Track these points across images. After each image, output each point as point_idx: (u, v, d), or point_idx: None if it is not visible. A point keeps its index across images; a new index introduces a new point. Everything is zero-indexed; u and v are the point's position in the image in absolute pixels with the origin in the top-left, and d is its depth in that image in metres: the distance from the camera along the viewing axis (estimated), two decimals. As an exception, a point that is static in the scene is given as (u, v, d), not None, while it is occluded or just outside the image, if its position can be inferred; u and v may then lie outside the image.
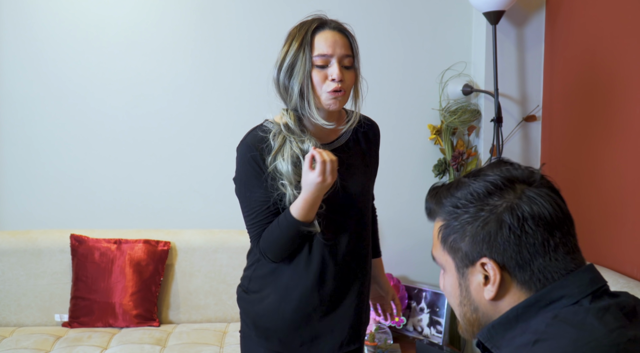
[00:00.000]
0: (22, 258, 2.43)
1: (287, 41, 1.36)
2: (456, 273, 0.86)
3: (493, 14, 2.37)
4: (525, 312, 0.79)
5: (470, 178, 0.85)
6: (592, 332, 0.72)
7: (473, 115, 2.59)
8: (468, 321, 0.87)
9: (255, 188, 1.39)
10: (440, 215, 0.86)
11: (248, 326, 1.49)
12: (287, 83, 1.34)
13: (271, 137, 1.37)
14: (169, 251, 2.48)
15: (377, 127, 1.57)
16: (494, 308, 0.83)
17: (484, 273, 0.81)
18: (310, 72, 1.32)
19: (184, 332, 2.34)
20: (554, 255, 0.79)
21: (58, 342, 2.22)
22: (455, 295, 0.87)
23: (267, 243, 1.39)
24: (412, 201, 2.74)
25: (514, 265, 0.80)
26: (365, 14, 2.64)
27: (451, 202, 0.84)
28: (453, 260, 0.85)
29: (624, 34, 2.05)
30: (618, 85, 2.08)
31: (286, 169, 1.34)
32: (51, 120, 2.58)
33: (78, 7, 2.54)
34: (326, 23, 1.36)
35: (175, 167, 2.65)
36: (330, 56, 1.32)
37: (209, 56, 2.61)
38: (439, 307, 2.61)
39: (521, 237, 0.79)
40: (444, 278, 0.90)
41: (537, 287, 0.80)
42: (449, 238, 0.84)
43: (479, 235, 0.81)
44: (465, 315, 0.87)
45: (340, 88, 1.32)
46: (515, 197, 0.80)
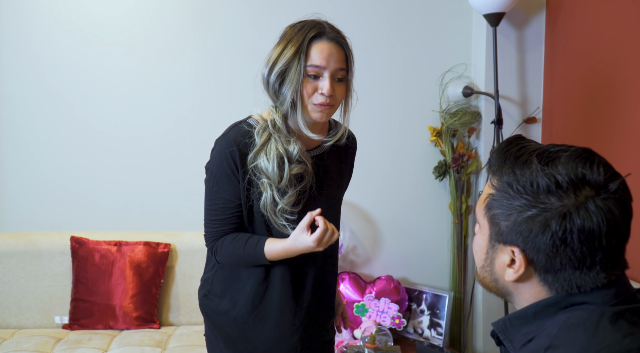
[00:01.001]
0: (23, 260, 2.43)
1: (282, 42, 1.33)
2: (488, 242, 0.84)
3: (493, 16, 2.37)
4: (543, 311, 0.79)
5: (542, 162, 0.77)
6: (605, 338, 0.72)
7: (473, 117, 2.59)
8: (486, 284, 0.88)
9: (225, 186, 1.36)
10: (496, 180, 0.82)
11: (212, 332, 1.48)
12: (278, 88, 1.32)
13: (256, 133, 1.34)
14: (169, 253, 2.48)
15: (355, 140, 1.56)
16: (514, 287, 0.83)
17: (511, 257, 0.80)
18: (302, 82, 1.29)
19: (184, 334, 2.34)
20: (587, 271, 0.76)
21: (58, 344, 2.22)
22: (481, 258, 0.87)
23: (225, 256, 1.39)
24: (413, 203, 2.74)
25: (542, 267, 0.78)
26: (366, 17, 2.65)
27: (509, 179, 0.79)
28: (489, 229, 0.83)
29: (624, 36, 2.05)
30: (618, 87, 2.08)
31: (271, 169, 1.32)
32: (51, 123, 2.58)
33: (78, 9, 2.54)
34: (325, 33, 1.32)
35: (175, 169, 2.65)
36: (323, 69, 1.29)
37: (209, 59, 2.61)
38: (440, 309, 2.61)
39: (560, 247, 0.75)
40: (477, 234, 0.88)
41: (558, 291, 0.79)
42: (493, 210, 0.81)
43: (521, 226, 0.77)
44: (485, 279, 0.87)
45: (328, 103, 1.30)
46: (573, 205, 0.74)
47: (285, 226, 1.35)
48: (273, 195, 1.33)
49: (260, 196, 1.34)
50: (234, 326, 1.44)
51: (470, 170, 2.63)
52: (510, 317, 0.82)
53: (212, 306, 1.46)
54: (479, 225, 0.87)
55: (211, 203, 1.39)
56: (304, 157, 1.37)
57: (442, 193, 2.74)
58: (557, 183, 0.75)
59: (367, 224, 2.74)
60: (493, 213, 0.81)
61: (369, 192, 2.69)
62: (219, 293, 1.46)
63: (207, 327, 1.50)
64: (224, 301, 1.44)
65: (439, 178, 2.69)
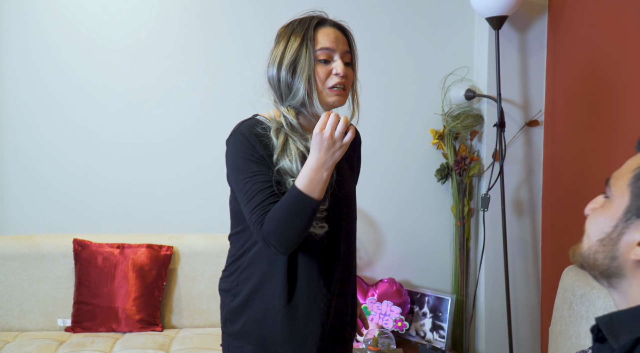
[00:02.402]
0: (25, 263, 2.43)
1: (283, 38, 1.34)
2: (621, 214, 0.79)
3: (496, 19, 2.37)
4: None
5: None
6: None
7: (475, 120, 2.60)
8: (595, 260, 0.83)
9: (254, 169, 1.29)
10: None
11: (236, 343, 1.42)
12: (291, 80, 1.31)
13: (272, 134, 1.31)
14: (171, 256, 2.48)
15: (359, 133, 1.56)
16: (633, 269, 0.79)
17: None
18: (314, 68, 1.30)
19: (187, 336, 2.34)
20: None
21: (61, 347, 2.22)
22: (603, 231, 0.81)
23: (271, 224, 1.22)
24: (415, 205, 2.74)
25: None
26: (369, 20, 2.65)
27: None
28: (629, 201, 0.79)
29: (626, 39, 2.05)
30: (621, 90, 2.09)
31: (295, 168, 1.29)
32: (54, 125, 2.58)
33: (80, 12, 2.54)
34: (326, 20, 1.36)
35: (178, 172, 2.65)
36: (333, 51, 1.31)
37: (211, 61, 2.62)
38: (442, 312, 2.61)
39: None
40: (602, 205, 0.84)
41: None
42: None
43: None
44: (597, 253, 0.82)
45: (343, 83, 1.31)
46: None
47: (313, 226, 1.30)
48: None
49: None
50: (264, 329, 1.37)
51: (472, 173, 2.63)
52: (618, 313, 0.79)
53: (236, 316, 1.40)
54: (610, 196, 0.82)
55: (247, 194, 1.28)
56: None
57: (444, 196, 2.74)
58: None
59: (369, 227, 2.74)
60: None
61: (371, 195, 2.70)
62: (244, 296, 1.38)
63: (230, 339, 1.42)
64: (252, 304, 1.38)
65: (441, 181, 2.69)
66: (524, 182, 2.63)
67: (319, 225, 1.31)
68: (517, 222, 2.63)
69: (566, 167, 2.45)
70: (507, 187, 2.58)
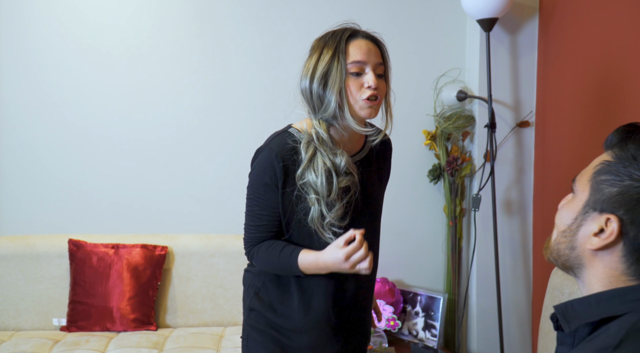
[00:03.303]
0: (21, 263, 2.45)
1: (316, 51, 1.34)
2: (581, 208, 0.85)
3: (486, 21, 2.40)
4: (607, 301, 0.80)
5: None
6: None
7: (467, 121, 2.62)
8: (558, 251, 0.89)
9: (262, 195, 1.36)
10: (617, 152, 0.83)
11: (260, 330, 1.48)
12: (322, 93, 1.31)
13: (302, 147, 1.33)
14: (166, 256, 2.50)
15: (390, 143, 1.57)
16: (590, 258, 0.84)
17: (601, 226, 0.81)
18: (346, 81, 1.30)
19: (181, 336, 2.36)
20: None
21: (56, 346, 2.24)
22: (565, 223, 0.87)
23: (261, 262, 1.41)
24: (408, 206, 2.76)
25: (632, 242, 0.79)
26: (361, 22, 2.65)
27: (635, 151, 0.80)
28: (587, 196, 0.84)
29: (617, 40, 2.08)
30: (611, 91, 2.11)
31: (320, 183, 1.31)
32: (49, 126, 2.60)
33: (77, 13, 2.56)
34: (358, 32, 1.36)
35: (173, 173, 2.67)
36: (364, 63, 1.31)
37: (207, 63, 2.64)
38: (434, 311, 2.63)
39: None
40: (568, 202, 0.89)
41: (636, 273, 0.80)
42: (603, 176, 0.82)
43: (628, 194, 0.78)
44: (560, 244, 0.88)
45: (376, 95, 1.31)
46: None
47: (332, 239, 1.34)
48: (321, 209, 1.33)
49: (307, 211, 1.34)
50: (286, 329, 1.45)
51: (464, 173, 2.66)
52: (574, 301, 0.84)
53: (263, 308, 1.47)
54: (575, 192, 0.88)
55: (249, 209, 1.40)
56: (351, 168, 1.37)
57: (436, 196, 2.77)
58: None
59: (363, 227, 2.76)
60: (601, 179, 0.82)
61: (364, 195, 2.72)
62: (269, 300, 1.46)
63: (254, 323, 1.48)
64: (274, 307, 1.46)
65: (434, 182, 2.72)
66: (515, 182, 2.66)
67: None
68: (508, 222, 2.66)
69: (556, 168, 2.48)
70: (498, 187, 2.60)
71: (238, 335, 2.25)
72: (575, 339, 0.83)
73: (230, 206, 2.67)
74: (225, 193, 2.68)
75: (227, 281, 2.54)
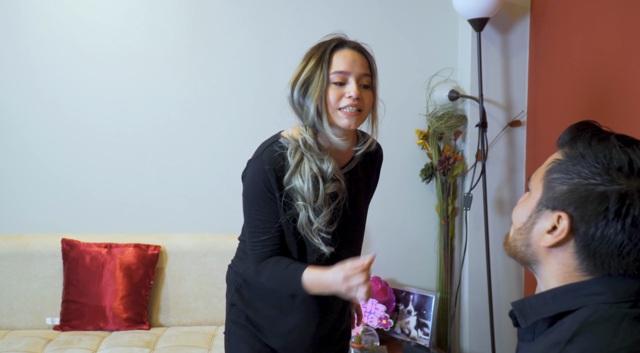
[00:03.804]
0: (14, 262, 2.47)
1: (304, 60, 1.35)
2: (534, 206, 0.86)
3: (477, 21, 2.41)
4: (563, 296, 0.81)
5: (621, 141, 0.80)
6: (625, 339, 0.73)
7: (459, 121, 2.63)
8: (515, 248, 0.91)
9: (263, 208, 1.35)
10: (567, 151, 0.84)
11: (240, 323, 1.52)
12: (302, 100, 1.33)
13: (289, 154, 1.33)
14: (159, 255, 2.51)
15: (382, 153, 1.57)
16: (544, 255, 0.85)
17: (553, 223, 0.82)
18: (326, 90, 1.30)
19: (173, 334, 2.37)
20: (624, 256, 0.78)
21: (49, 345, 2.26)
22: (521, 221, 0.89)
23: (268, 279, 1.39)
24: (400, 205, 2.78)
25: (582, 238, 0.80)
26: (354, 22, 2.68)
27: (583, 150, 0.81)
28: (541, 194, 0.85)
29: (607, 40, 2.09)
30: (601, 90, 2.12)
31: (306, 188, 1.31)
32: (43, 126, 2.61)
33: (70, 13, 2.57)
34: (345, 42, 1.36)
35: (166, 172, 2.68)
36: (347, 74, 1.31)
37: (200, 62, 2.64)
38: (426, 310, 2.64)
39: (609, 223, 0.77)
40: (524, 200, 0.91)
41: (589, 268, 0.81)
42: (554, 174, 0.84)
43: (578, 192, 0.80)
44: (516, 241, 0.90)
45: (356, 105, 1.30)
46: (637, 189, 0.76)
47: (320, 244, 1.35)
48: (308, 215, 1.33)
49: (295, 218, 1.35)
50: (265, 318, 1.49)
51: (456, 172, 2.67)
52: (530, 297, 0.86)
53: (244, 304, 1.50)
54: (530, 192, 0.90)
55: (251, 226, 1.38)
56: (338, 174, 1.36)
57: (429, 195, 2.78)
58: (630, 164, 0.77)
59: (356, 226, 2.78)
60: (553, 177, 0.83)
61: (356, 195, 2.73)
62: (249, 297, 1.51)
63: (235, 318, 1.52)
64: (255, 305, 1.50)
65: (426, 181, 2.73)
66: (507, 181, 2.67)
67: (327, 245, 1.36)
68: (499, 221, 2.67)
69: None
70: (490, 186, 2.61)
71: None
72: (535, 335, 0.84)
73: (223, 206, 2.69)
74: (218, 193, 2.69)
75: (220, 280, 2.55)
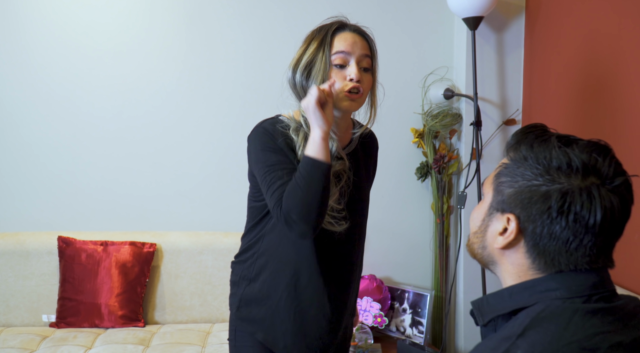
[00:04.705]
0: (11, 259, 2.48)
1: (305, 43, 1.37)
2: (486, 210, 0.89)
3: (472, 19, 2.41)
4: (519, 293, 0.83)
5: (561, 141, 0.83)
6: (575, 333, 0.74)
7: (454, 119, 2.64)
8: (473, 251, 0.93)
9: (276, 148, 1.32)
10: (512, 153, 0.87)
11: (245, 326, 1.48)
12: (305, 82, 1.34)
13: (292, 132, 1.34)
14: (154, 253, 2.52)
15: (376, 139, 1.59)
16: (499, 255, 0.88)
17: (504, 225, 0.85)
18: (328, 72, 1.31)
19: (168, 332, 2.38)
20: (572, 252, 0.80)
21: (44, 342, 2.27)
22: (476, 225, 0.92)
23: (289, 198, 1.24)
24: (396, 203, 2.78)
25: (531, 238, 0.82)
26: (350, 20, 2.68)
27: (525, 153, 0.84)
28: (491, 198, 0.88)
29: (602, 38, 2.09)
30: (596, 88, 2.12)
31: None
32: (40, 124, 2.62)
33: (67, 12, 2.58)
34: (346, 25, 1.38)
35: (162, 170, 2.69)
36: (348, 55, 1.32)
37: (196, 61, 2.65)
38: (421, 308, 2.65)
39: (553, 221, 0.79)
40: (479, 204, 0.93)
41: (541, 266, 0.83)
42: (502, 178, 0.86)
43: (523, 194, 0.82)
44: (473, 244, 0.93)
45: (358, 88, 1.31)
46: (577, 186, 0.78)
47: (332, 224, 1.35)
48: None
49: None
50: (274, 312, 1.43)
51: (451, 171, 2.67)
52: (488, 296, 0.87)
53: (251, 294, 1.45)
54: (484, 195, 0.92)
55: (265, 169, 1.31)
56: (341, 153, 1.38)
57: (424, 194, 2.78)
58: (569, 162, 0.79)
59: (351, 224, 2.78)
60: (501, 181, 0.86)
61: (352, 193, 2.74)
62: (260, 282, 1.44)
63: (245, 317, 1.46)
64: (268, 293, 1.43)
65: (421, 179, 2.73)
66: (502, 180, 2.67)
67: (339, 223, 1.36)
68: (495, 220, 2.67)
69: (542, 165, 2.48)
70: (485, 185, 2.61)
71: (225, 331, 2.27)
72: (499, 328, 0.85)
73: (218, 204, 2.70)
74: (214, 191, 2.70)
75: (216, 278, 2.56)
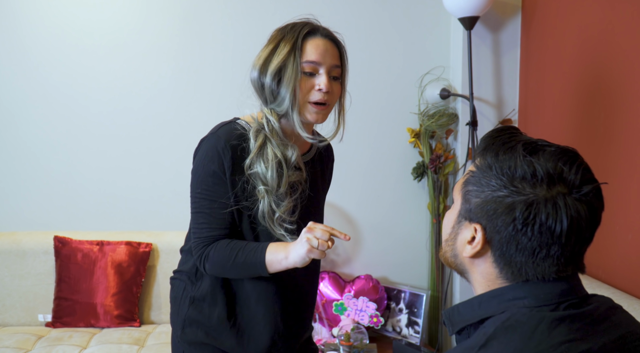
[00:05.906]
0: (7, 259, 2.48)
1: (273, 42, 1.29)
2: (455, 218, 0.88)
3: (467, 19, 2.41)
4: (488, 301, 0.83)
5: (526, 150, 0.80)
6: (540, 343, 0.73)
7: (451, 119, 2.63)
8: (446, 258, 0.92)
9: (211, 187, 1.26)
10: (479, 160, 0.85)
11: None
12: (276, 88, 1.27)
13: (252, 135, 1.27)
14: (150, 252, 2.52)
15: (332, 151, 1.54)
16: (469, 264, 0.87)
17: (472, 234, 0.84)
18: (299, 80, 1.25)
19: (163, 332, 2.39)
20: (539, 262, 0.79)
21: (39, 342, 2.27)
22: (447, 233, 0.91)
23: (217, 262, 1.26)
24: (392, 203, 2.78)
25: (498, 248, 0.81)
26: (346, 20, 2.69)
27: (491, 161, 0.82)
28: (460, 205, 0.87)
29: (598, 38, 2.09)
30: (592, 88, 2.12)
31: (270, 175, 1.25)
32: (35, 124, 2.62)
33: (62, 10, 2.58)
34: (318, 29, 1.30)
35: (158, 170, 2.69)
36: (319, 64, 1.26)
37: (191, 61, 2.66)
38: (417, 308, 2.65)
39: (519, 232, 0.78)
40: (449, 211, 0.92)
41: (508, 275, 0.82)
42: (469, 186, 0.85)
43: (488, 204, 0.80)
44: (446, 252, 0.92)
45: (325, 100, 1.26)
46: (543, 196, 0.77)
47: (284, 235, 1.28)
48: (270, 203, 1.27)
49: (255, 206, 1.28)
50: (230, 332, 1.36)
51: (447, 171, 2.67)
52: (459, 305, 0.87)
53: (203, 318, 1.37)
54: (454, 202, 0.90)
55: (196, 207, 1.29)
56: (300, 163, 1.33)
57: (420, 193, 2.78)
58: (534, 172, 0.77)
59: (348, 224, 2.78)
60: (468, 190, 0.85)
61: (349, 193, 2.74)
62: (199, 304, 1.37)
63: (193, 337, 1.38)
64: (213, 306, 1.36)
65: (418, 179, 2.73)
66: (498, 180, 2.67)
67: (292, 236, 1.29)
68: (491, 220, 2.66)
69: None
70: (481, 185, 2.61)
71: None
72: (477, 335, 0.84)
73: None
74: (210, 191, 2.70)
75: (211, 278, 2.56)
